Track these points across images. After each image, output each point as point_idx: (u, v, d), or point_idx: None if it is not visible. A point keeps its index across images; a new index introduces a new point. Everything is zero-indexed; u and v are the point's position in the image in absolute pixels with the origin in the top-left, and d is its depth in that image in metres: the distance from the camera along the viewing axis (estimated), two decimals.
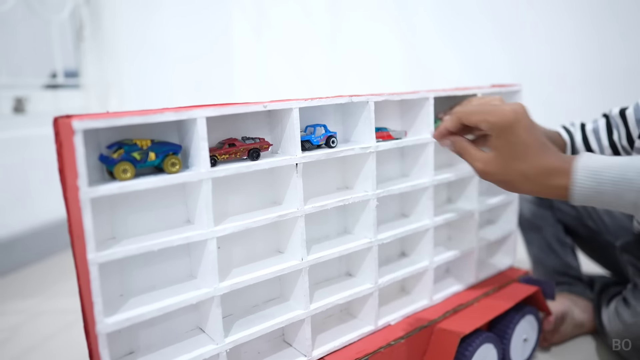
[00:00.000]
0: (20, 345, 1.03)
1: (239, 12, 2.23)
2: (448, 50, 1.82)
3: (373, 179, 0.70)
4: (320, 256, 0.66)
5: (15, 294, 1.31)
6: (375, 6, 1.95)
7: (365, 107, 0.68)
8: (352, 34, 2.03)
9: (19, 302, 1.25)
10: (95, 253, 0.48)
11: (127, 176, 0.50)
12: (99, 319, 0.49)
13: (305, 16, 2.10)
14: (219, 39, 2.21)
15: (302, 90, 2.14)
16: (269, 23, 2.20)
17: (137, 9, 1.91)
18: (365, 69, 2.02)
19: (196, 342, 0.59)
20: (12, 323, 1.14)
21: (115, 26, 1.84)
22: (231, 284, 0.58)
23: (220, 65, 2.21)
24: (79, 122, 0.46)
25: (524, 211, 1.07)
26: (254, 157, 0.59)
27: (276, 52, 2.20)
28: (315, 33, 2.10)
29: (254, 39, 2.24)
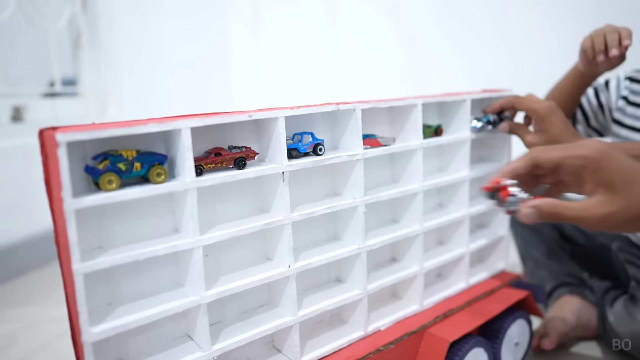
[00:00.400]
0: (16, 353, 1.04)
1: (236, 19, 2.25)
2: (445, 55, 1.82)
3: (361, 186, 0.70)
4: (308, 263, 0.66)
5: (13, 301, 1.32)
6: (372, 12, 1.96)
7: (353, 114, 0.69)
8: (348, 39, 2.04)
9: (17, 310, 1.26)
10: (80, 263, 0.48)
11: (112, 187, 0.50)
12: (85, 329, 0.49)
13: (302, 22, 2.11)
14: (217, 46, 2.22)
15: (299, 96, 2.15)
16: (266, 30, 2.21)
17: (134, 17, 1.92)
18: (362, 75, 2.03)
19: (184, 350, 0.59)
20: (9, 331, 1.14)
21: (112, 34, 1.85)
22: (218, 292, 0.58)
23: (218, 71, 2.23)
24: (63, 134, 0.46)
25: None
26: (240, 166, 0.60)
27: (273, 58, 2.21)
28: (313, 39, 2.11)
29: (251, 45, 2.25)
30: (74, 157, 0.51)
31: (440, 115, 0.87)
